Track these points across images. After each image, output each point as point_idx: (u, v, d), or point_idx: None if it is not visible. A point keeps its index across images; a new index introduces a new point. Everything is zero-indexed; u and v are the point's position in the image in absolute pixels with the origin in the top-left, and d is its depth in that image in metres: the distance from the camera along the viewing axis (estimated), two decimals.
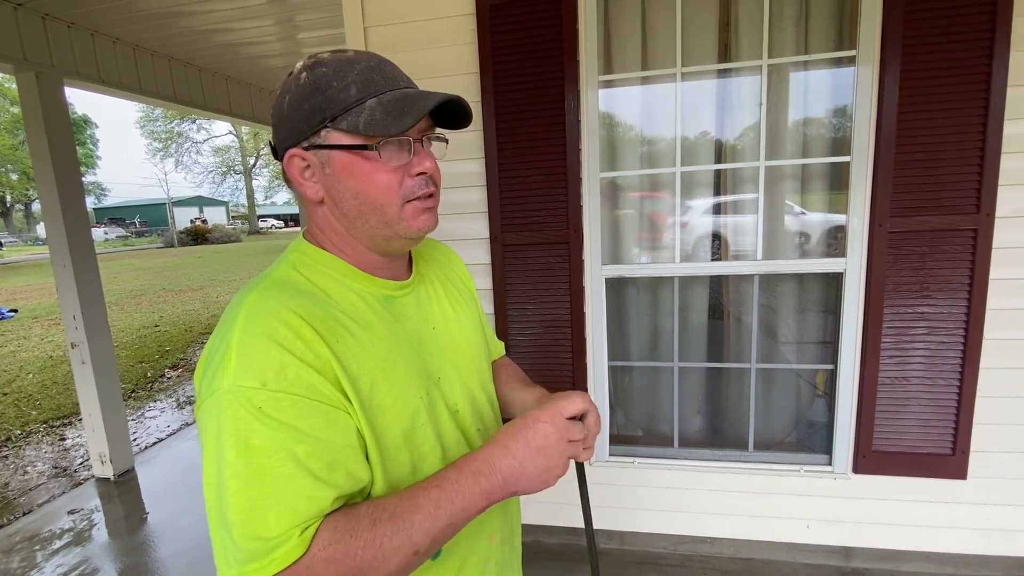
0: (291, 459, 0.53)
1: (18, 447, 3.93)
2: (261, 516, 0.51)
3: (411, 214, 0.66)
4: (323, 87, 0.62)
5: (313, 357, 0.57)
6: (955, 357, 1.84)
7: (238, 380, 0.54)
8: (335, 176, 0.64)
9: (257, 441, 0.52)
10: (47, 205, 2.90)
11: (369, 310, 0.67)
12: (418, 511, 0.55)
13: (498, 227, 2.05)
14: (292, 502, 0.52)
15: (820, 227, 2.10)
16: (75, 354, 3.05)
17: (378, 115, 0.61)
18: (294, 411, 0.54)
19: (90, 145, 35.14)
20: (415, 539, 0.54)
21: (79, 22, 2.96)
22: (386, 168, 0.63)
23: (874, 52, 1.76)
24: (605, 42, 2.03)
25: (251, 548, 0.51)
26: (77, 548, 2.56)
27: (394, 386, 0.64)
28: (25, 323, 8.70)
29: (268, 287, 0.62)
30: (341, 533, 0.53)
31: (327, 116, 0.62)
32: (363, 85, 0.62)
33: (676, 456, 2.18)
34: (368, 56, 0.65)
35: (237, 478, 0.52)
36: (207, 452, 0.54)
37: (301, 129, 0.63)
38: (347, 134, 0.62)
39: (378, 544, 0.53)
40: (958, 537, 1.96)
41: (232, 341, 0.56)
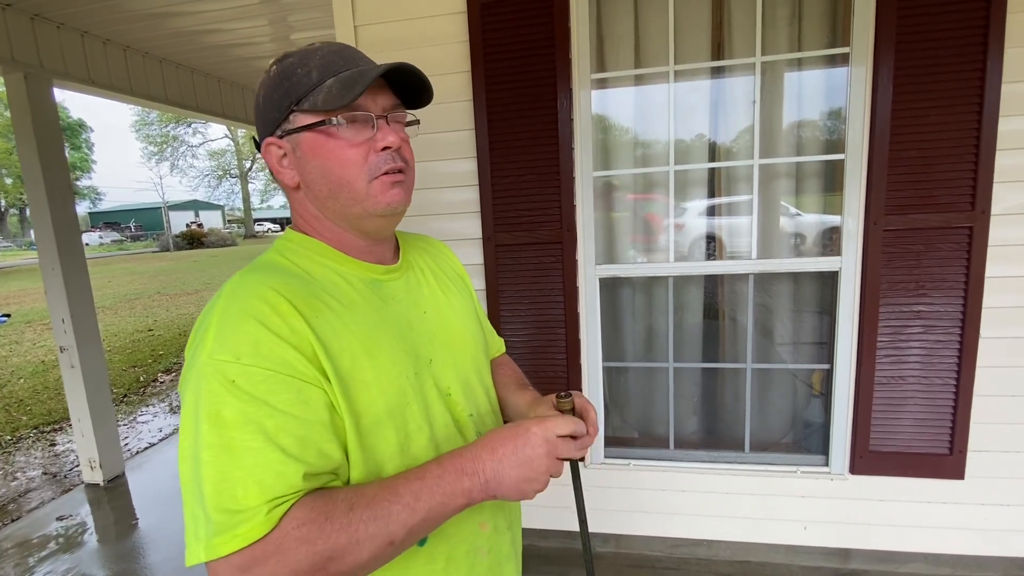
0: (260, 433, 0.53)
1: (8, 453, 3.88)
2: (230, 489, 0.51)
3: (379, 189, 0.66)
4: (289, 74, 0.66)
5: (289, 332, 0.57)
6: (952, 356, 1.83)
7: (214, 354, 0.55)
8: (304, 158, 0.66)
9: (228, 414, 0.53)
10: (36, 207, 2.86)
11: (352, 290, 0.68)
12: (397, 500, 0.55)
13: (491, 227, 2.03)
14: (259, 476, 0.52)
15: (815, 225, 2.09)
16: (64, 358, 3.01)
17: (334, 90, 0.63)
18: (266, 385, 0.54)
19: (85, 149, 35.01)
20: (391, 528, 0.54)
21: (68, 22, 2.93)
22: (349, 144, 0.64)
23: (868, 49, 1.75)
24: (598, 40, 2.01)
25: (219, 520, 0.50)
26: (65, 555, 2.52)
27: (377, 363, 0.64)
28: (18, 328, 8.63)
29: (252, 269, 0.65)
30: (316, 514, 0.52)
31: (293, 100, 0.65)
32: (324, 68, 0.65)
33: (672, 458, 2.15)
34: (332, 44, 0.68)
35: (209, 450, 0.52)
36: (184, 425, 0.55)
37: (274, 118, 0.67)
38: (310, 114, 0.64)
39: (353, 529, 0.52)
40: (956, 538, 1.94)
41: (213, 318, 0.58)
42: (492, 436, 0.62)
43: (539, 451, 0.60)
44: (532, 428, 0.61)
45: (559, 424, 0.62)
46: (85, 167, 35.46)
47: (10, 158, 27.31)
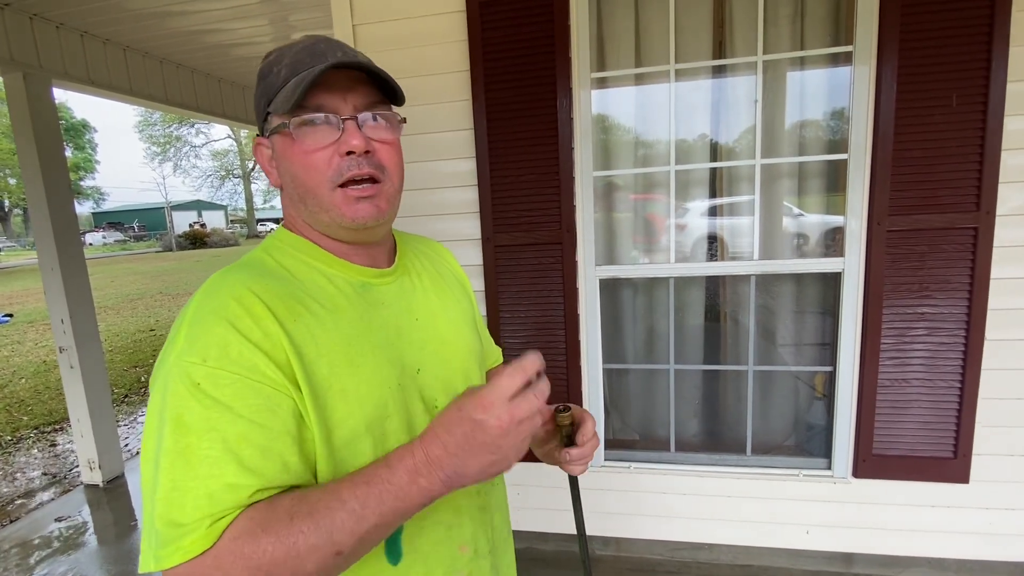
0: (220, 441, 0.50)
1: (8, 453, 3.88)
2: (179, 499, 0.49)
3: (342, 201, 0.62)
4: (266, 73, 0.64)
5: (261, 336, 0.55)
6: (956, 358, 1.81)
7: (182, 355, 0.53)
8: (278, 160, 0.65)
9: (189, 418, 0.51)
10: (35, 207, 2.86)
11: (338, 293, 0.64)
12: (341, 508, 0.49)
13: (490, 227, 2.01)
14: (211, 488, 0.49)
15: (817, 226, 2.07)
16: (63, 358, 3.01)
17: (288, 91, 0.60)
18: (232, 390, 0.52)
19: (89, 150, 35.11)
20: (336, 538, 0.49)
21: (68, 22, 2.93)
22: (313, 147, 0.61)
23: (871, 48, 1.73)
24: (598, 39, 1.99)
25: (164, 532, 0.49)
26: (63, 556, 2.51)
27: (358, 371, 0.60)
28: (20, 328, 8.65)
29: (233, 268, 0.62)
30: (253, 525, 0.49)
31: (267, 100, 0.63)
32: (292, 66, 0.61)
33: (672, 461, 2.13)
34: (309, 38, 0.64)
35: (167, 456, 0.50)
36: (148, 426, 0.53)
37: (259, 117, 0.66)
38: (276, 115, 0.62)
39: (291, 541, 0.48)
40: (960, 542, 1.92)
41: (186, 317, 0.56)
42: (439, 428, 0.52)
43: (493, 433, 0.50)
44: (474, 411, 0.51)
45: (500, 387, 0.51)
46: (89, 167, 35.56)
47: (14, 158, 27.42)
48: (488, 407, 0.50)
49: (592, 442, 0.71)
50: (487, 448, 0.51)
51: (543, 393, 0.53)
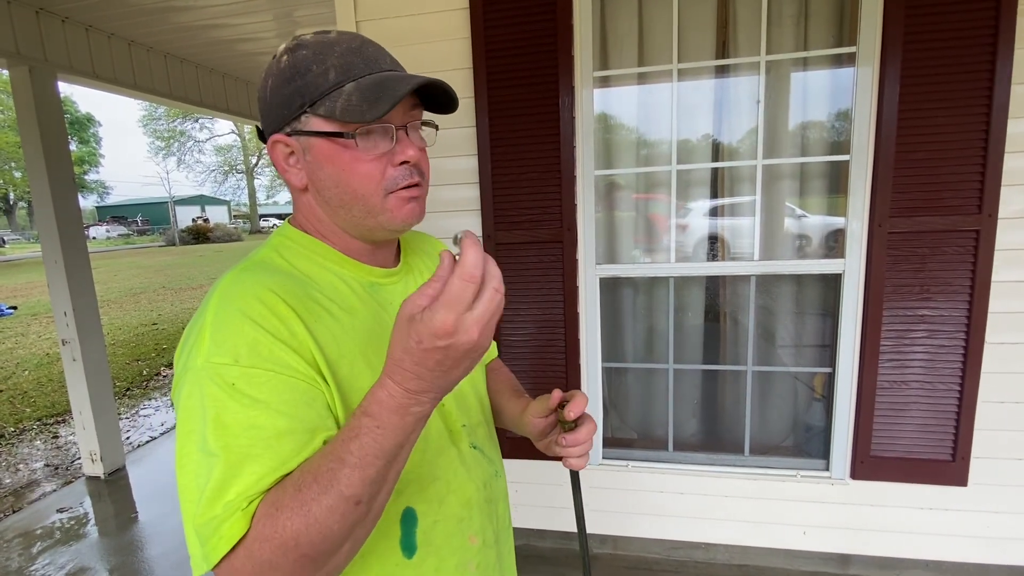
0: (261, 439, 0.51)
1: (11, 444, 3.91)
2: (221, 499, 0.49)
3: (395, 204, 0.63)
4: (303, 71, 0.60)
5: (289, 335, 0.55)
6: (956, 361, 1.80)
7: (211, 357, 0.53)
8: (316, 163, 0.63)
9: (228, 418, 0.51)
10: (39, 200, 2.87)
11: (352, 294, 0.65)
12: (342, 465, 0.49)
13: (491, 225, 2.02)
14: (248, 483, 0.49)
15: (818, 227, 2.06)
16: (66, 351, 3.03)
17: (355, 100, 0.58)
18: (268, 387, 0.52)
19: (93, 143, 35.21)
20: (348, 492, 0.48)
21: (73, 16, 2.94)
22: (367, 157, 0.61)
23: (875, 49, 1.72)
24: (601, 37, 1.99)
25: (203, 529, 0.49)
26: (64, 547, 2.53)
27: (376, 371, 0.59)
28: (24, 320, 8.69)
29: (246, 268, 0.61)
30: (268, 507, 0.49)
31: (306, 101, 0.60)
32: (342, 68, 0.60)
33: (670, 460, 2.14)
34: (350, 37, 0.62)
35: (209, 458, 0.50)
36: (182, 431, 0.52)
37: (283, 115, 0.62)
38: (325, 120, 0.60)
39: (306, 510, 0.48)
40: (958, 545, 1.92)
41: (207, 320, 0.55)
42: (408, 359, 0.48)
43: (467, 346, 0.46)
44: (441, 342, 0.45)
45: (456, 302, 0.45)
46: (93, 161, 35.67)
47: (19, 151, 27.51)
48: (451, 331, 0.45)
49: (588, 426, 0.71)
50: (466, 358, 0.48)
51: (497, 279, 0.47)
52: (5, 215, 37.09)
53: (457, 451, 0.71)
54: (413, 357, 0.47)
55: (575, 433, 0.71)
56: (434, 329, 0.45)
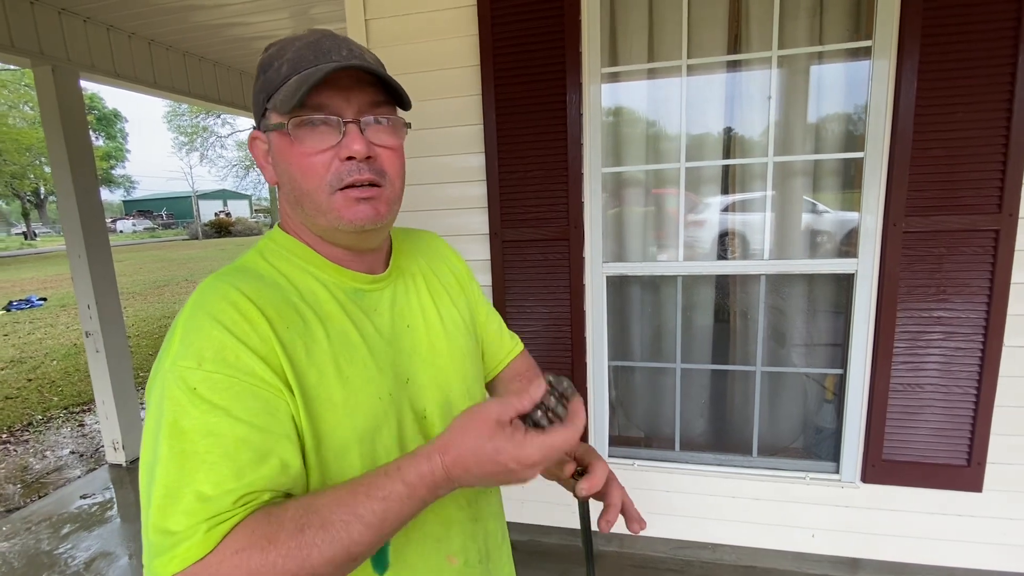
0: (218, 446, 0.49)
1: (39, 432, 4.05)
2: (172, 506, 0.48)
3: (341, 204, 0.60)
4: (266, 67, 0.61)
5: (258, 341, 0.54)
6: (972, 364, 1.76)
7: (177, 360, 0.52)
8: (275, 158, 0.63)
9: (186, 423, 0.49)
10: (63, 197, 2.96)
11: (332, 301, 0.63)
12: (357, 521, 0.49)
13: (498, 223, 2.02)
14: (204, 492, 0.48)
15: (831, 226, 2.02)
16: (89, 342, 3.12)
17: (289, 90, 0.57)
18: (229, 394, 0.51)
19: (119, 139, 36.05)
20: (353, 550, 0.49)
21: (95, 16, 3.01)
22: (312, 150, 0.59)
23: (891, 43, 1.68)
24: (610, 33, 1.97)
25: (157, 542, 0.47)
26: (87, 532, 2.62)
27: (348, 383, 0.60)
28: (53, 311, 8.99)
29: (227, 272, 0.61)
30: (257, 538, 0.47)
31: (266, 96, 0.61)
32: (293, 63, 0.59)
33: (677, 459, 2.13)
34: (313, 33, 0.62)
35: (161, 464, 0.49)
36: (146, 433, 0.51)
37: (257, 112, 0.64)
38: (275, 113, 0.60)
39: (304, 555, 0.47)
40: (972, 552, 1.88)
41: (178, 322, 0.55)
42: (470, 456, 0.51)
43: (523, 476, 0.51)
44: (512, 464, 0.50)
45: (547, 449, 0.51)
46: (120, 156, 36.52)
47: None
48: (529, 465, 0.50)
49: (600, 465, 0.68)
50: (511, 479, 0.52)
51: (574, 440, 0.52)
52: (36, 208, 38.26)
53: None
54: (479, 457, 0.51)
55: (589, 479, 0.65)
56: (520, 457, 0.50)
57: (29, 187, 29.80)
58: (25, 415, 4.38)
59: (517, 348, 0.93)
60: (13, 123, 22.92)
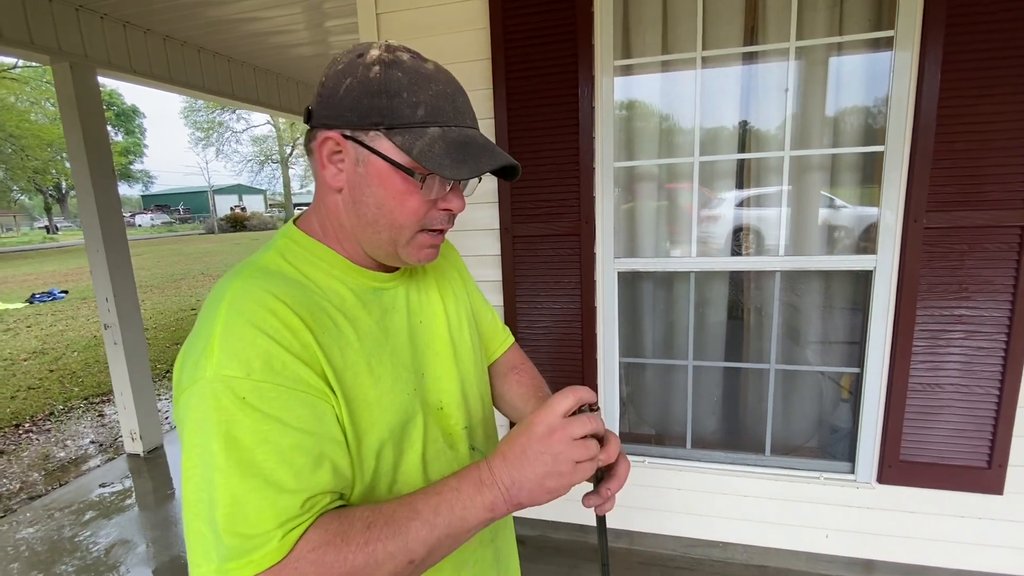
0: (274, 453, 0.51)
1: (60, 421, 4.15)
2: (242, 511, 0.49)
3: (418, 245, 0.65)
4: (392, 93, 0.58)
5: (301, 348, 0.55)
6: (995, 364, 1.71)
7: (222, 369, 0.52)
8: (367, 178, 0.61)
9: (239, 433, 0.51)
10: (81, 191, 3.01)
11: (358, 303, 0.65)
12: (416, 517, 0.53)
13: (508, 217, 2.01)
14: (273, 499, 0.50)
15: (849, 222, 1.98)
16: (108, 335, 3.18)
17: (437, 150, 0.58)
18: (280, 402, 0.52)
19: (138, 135, 36.63)
20: (411, 546, 0.52)
21: (112, 13, 3.04)
22: (420, 197, 0.62)
23: (914, 33, 1.63)
24: (623, 25, 1.94)
25: (232, 544, 0.49)
26: (106, 520, 2.68)
27: (380, 381, 0.62)
28: (74, 304, 9.18)
29: (253, 274, 0.60)
30: (332, 535, 0.50)
31: (384, 123, 0.59)
32: (432, 110, 0.59)
33: (689, 457, 2.11)
34: (447, 79, 0.63)
35: (221, 472, 0.50)
36: (189, 444, 0.52)
37: (350, 119, 0.60)
38: (398, 149, 0.59)
39: (371, 548, 0.50)
40: (991, 555, 1.84)
41: (215, 329, 0.54)
42: (502, 443, 0.58)
43: (550, 443, 0.55)
44: (532, 420, 0.57)
45: (558, 403, 0.56)
46: (138, 151, 37.12)
47: None
48: (544, 418, 0.56)
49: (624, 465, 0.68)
50: (540, 457, 0.55)
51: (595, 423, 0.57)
52: (58, 203, 39.06)
53: (455, 454, 0.71)
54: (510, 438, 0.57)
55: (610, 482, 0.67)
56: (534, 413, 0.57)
57: (51, 182, 30.43)
58: (47, 405, 4.49)
59: (509, 340, 0.96)
60: (35, 119, 23.39)
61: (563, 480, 0.55)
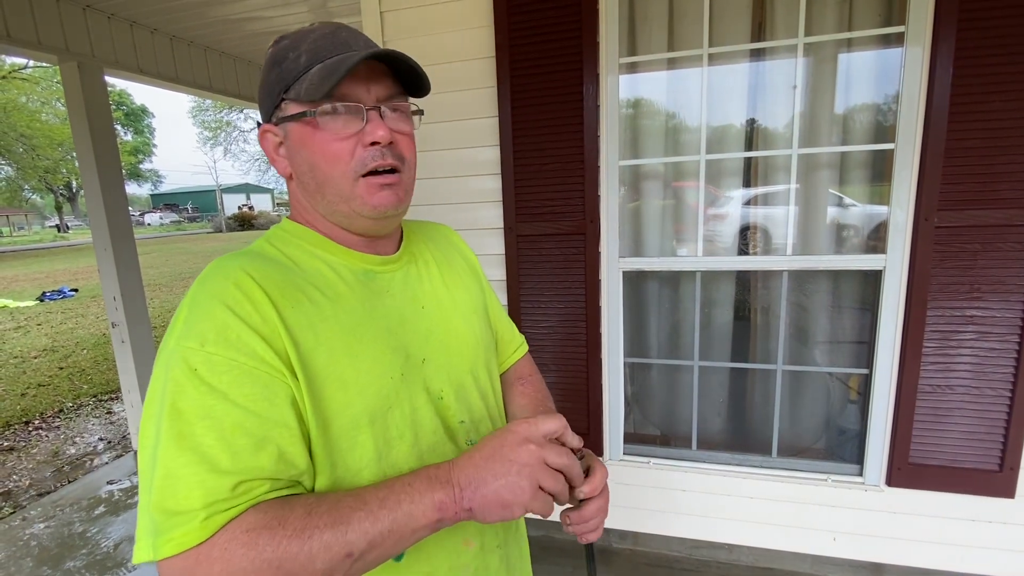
0: (214, 430, 0.50)
1: (69, 419, 4.19)
2: (172, 487, 0.48)
3: (365, 190, 0.62)
4: (281, 58, 0.62)
5: (260, 321, 0.54)
6: (1007, 366, 1.68)
7: (181, 339, 0.53)
8: (293, 148, 0.63)
9: (184, 405, 0.50)
10: (89, 190, 3.03)
11: (340, 281, 0.64)
12: (362, 507, 0.50)
13: (513, 217, 2.00)
14: (203, 477, 0.48)
15: (858, 221, 1.95)
16: (116, 333, 3.21)
17: (315, 79, 0.58)
18: (229, 377, 0.51)
19: (147, 134, 36.92)
20: (349, 537, 0.49)
21: (118, 12, 3.06)
22: (335, 137, 0.60)
23: (926, 28, 1.60)
24: (628, 22, 1.92)
25: (159, 521, 0.48)
26: (113, 516, 2.70)
27: (358, 361, 0.60)
28: (84, 302, 9.27)
29: (234, 255, 0.61)
30: (270, 519, 0.48)
31: (282, 87, 0.61)
32: (312, 53, 0.60)
33: (694, 459, 2.09)
34: (327, 25, 0.64)
35: (163, 444, 0.49)
36: (145, 414, 0.52)
37: (268, 104, 0.64)
38: (295, 103, 0.61)
39: (307, 535, 0.48)
40: (1002, 560, 1.81)
41: (184, 303, 0.56)
42: (475, 447, 0.57)
43: (521, 452, 0.53)
44: (511, 430, 0.56)
45: (544, 422, 0.56)
46: (147, 151, 37.43)
47: None
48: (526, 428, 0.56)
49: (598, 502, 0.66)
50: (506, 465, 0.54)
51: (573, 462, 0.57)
52: (68, 202, 39.45)
53: (455, 447, 0.69)
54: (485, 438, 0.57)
55: (581, 511, 0.66)
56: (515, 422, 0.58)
57: (61, 181, 30.73)
58: (56, 402, 4.54)
59: (523, 349, 0.94)
60: (46, 119, 23.62)
61: (520, 497, 0.53)
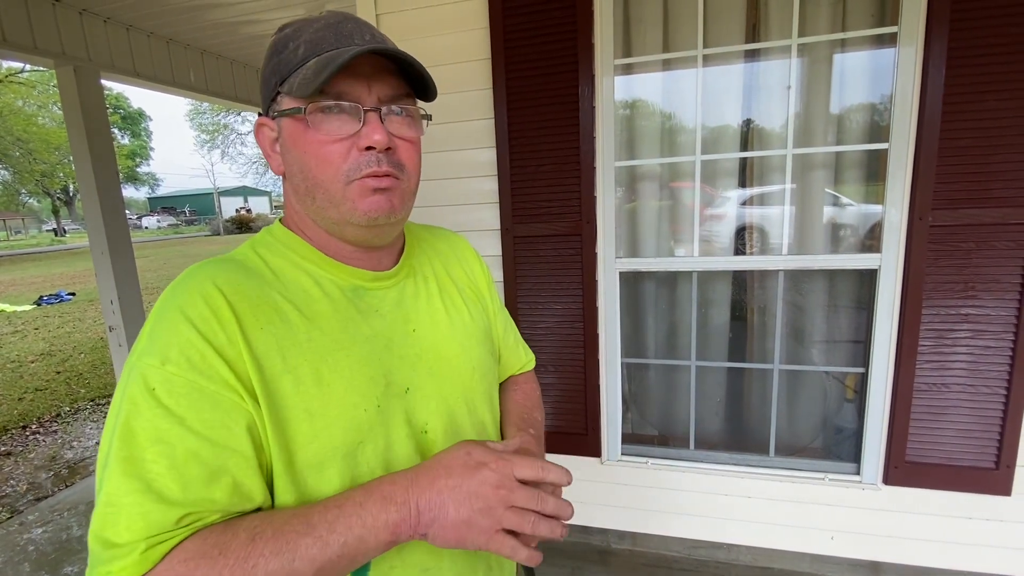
0: (166, 457, 0.46)
1: (67, 423, 4.18)
2: (113, 517, 0.45)
3: (356, 194, 0.56)
4: (280, 48, 0.57)
5: (225, 341, 0.50)
6: (1002, 363, 1.69)
7: (142, 355, 0.49)
8: (285, 146, 0.59)
9: (137, 426, 0.47)
10: (86, 194, 3.03)
11: (324, 298, 0.59)
12: (309, 532, 0.47)
13: (509, 218, 2.00)
14: (148, 508, 0.45)
15: (853, 220, 1.96)
16: (113, 337, 3.20)
17: (308, 73, 0.53)
18: (187, 400, 0.48)
19: (144, 138, 36.87)
20: (297, 566, 0.46)
21: (115, 16, 3.06)
22: (329, 138, 0.55)
23: (918, 28, 1.61)
24: (623, 24, 1.93)
25: (95, 551, 0.45)
26: None
27: (328, 390, 0.55)
28: (81, 306, 9.25)
29: (211, 262, 0.57)
30: (209, 547, 0.45)
31: (279, 79, 0.57)
32: (311, 44, 0.55)
33: (692, 458, 2.09)
34: (333, 15, 0.58)
35: (109, 467, 0.46)
36: (105, 428, 0.49)
37: (265, 95, 0.60)
38: (289, 97, 0.56)
39: (250, 565, 0.44)
40: (999, 557, 1.81)
41: (152, 312, 0.52)
42: (435, 463, 0.53)
43: (488, 489, 0.50)
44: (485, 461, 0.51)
45: (520, 464, 0.52)
46: (144, 154, 37.38)
47: None
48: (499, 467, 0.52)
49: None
50: (471, 503, 0.50)
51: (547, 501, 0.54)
52: (65, 206, 39.38)
53: None
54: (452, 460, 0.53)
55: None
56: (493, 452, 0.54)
57: (58, 185, 30.69)
58: (54, 406, 4.52)
59: (529, 365, 0.89)
60: (43, 123, 23.59)
61: (477, 538, 0.50)
